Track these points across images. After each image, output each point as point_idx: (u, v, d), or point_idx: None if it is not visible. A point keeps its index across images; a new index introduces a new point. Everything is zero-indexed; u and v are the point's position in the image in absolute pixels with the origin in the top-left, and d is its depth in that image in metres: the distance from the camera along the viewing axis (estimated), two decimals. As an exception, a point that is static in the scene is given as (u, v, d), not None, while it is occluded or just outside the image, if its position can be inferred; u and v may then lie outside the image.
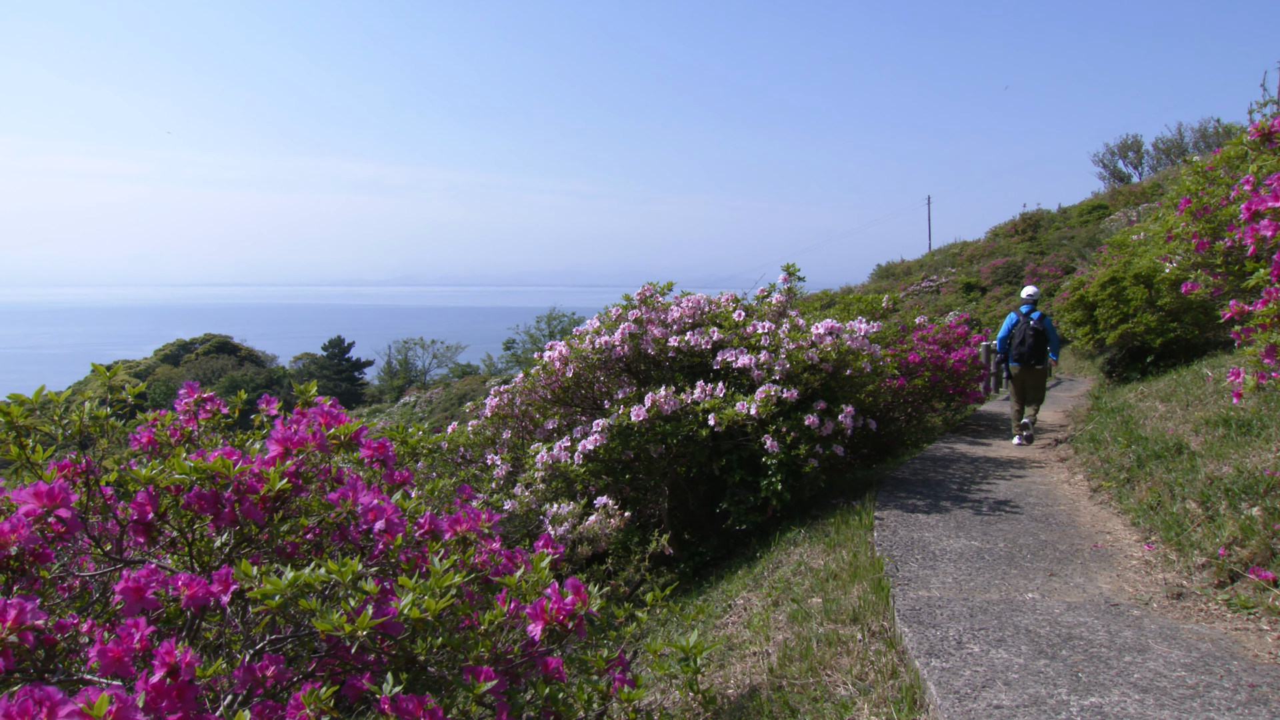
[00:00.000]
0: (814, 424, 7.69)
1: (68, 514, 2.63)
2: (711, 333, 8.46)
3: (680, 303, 8.97)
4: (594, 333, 8.64)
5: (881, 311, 12.08)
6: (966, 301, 33.86)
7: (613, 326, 8.63)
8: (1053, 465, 9.79)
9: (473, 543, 3.07)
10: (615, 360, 8.65)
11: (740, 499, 7.97)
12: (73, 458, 3.07)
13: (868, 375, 8.81)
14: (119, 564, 3.18)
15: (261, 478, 2.90)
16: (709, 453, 8.18)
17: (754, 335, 8.42)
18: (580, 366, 8.57)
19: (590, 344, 8.50)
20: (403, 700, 2.48)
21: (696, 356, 8.57)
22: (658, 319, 8.75)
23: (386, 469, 3.52)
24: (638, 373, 8.86)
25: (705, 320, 8.91)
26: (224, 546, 3.05)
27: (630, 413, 7.75)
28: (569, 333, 9.71)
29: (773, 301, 9.30)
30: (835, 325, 8.48)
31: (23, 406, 2.90)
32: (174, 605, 2.68)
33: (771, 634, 5.18)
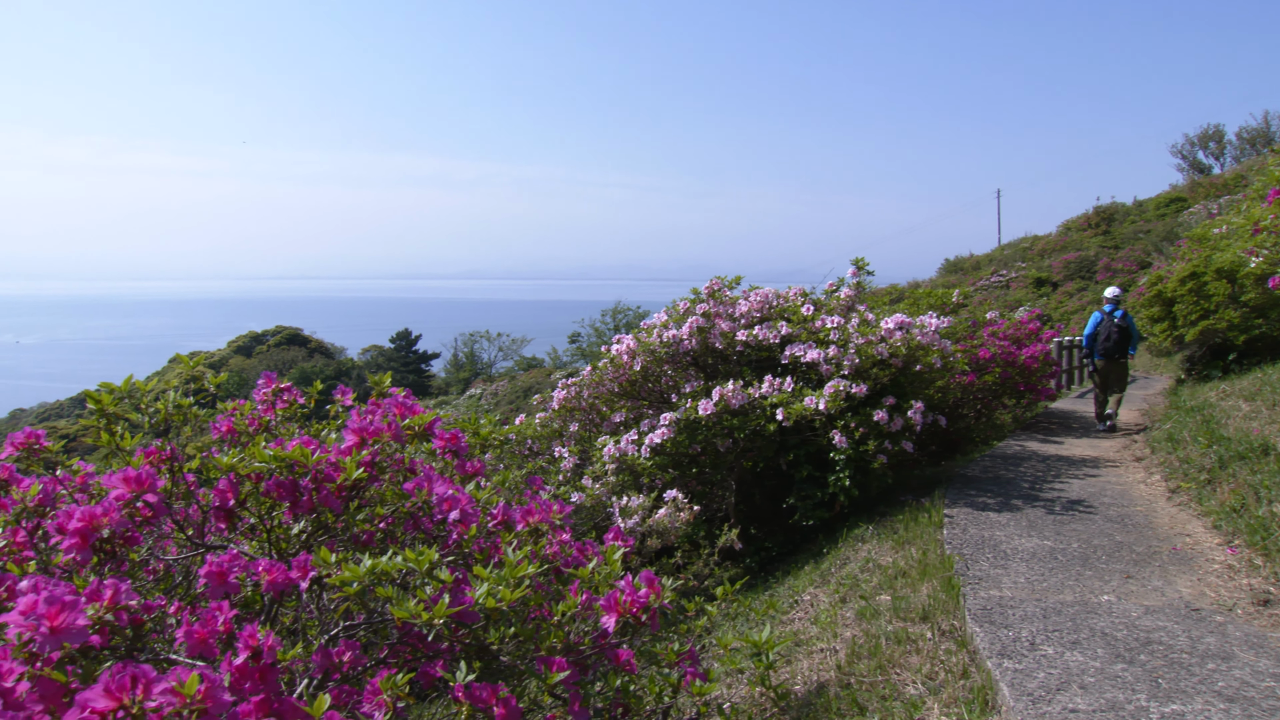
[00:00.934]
0: (883, 420, 7.61)
1: (155, 499, 2.70)
2: (780, 327, 8.41)
3: (748, 296, 8.93)
4: (661, 326, 8.64)
5: (951, 306, 11.90)
6: (1037, 297, 33.26)
7: (680, 320, 8.62)
8: (1128, 464, 9.57)
9: (544, 534, 3.09)
10: (682, 354, 8.64)
11: (807, 494, 7.92)
12: (158, 445, 3.15)
13: (937, 371, 8.69)
14: (201, 549, 3.26)
15: (338, 467, 2.95)
16: (776, 448, 8.13)
17: (823, 330, 8.35)
18: (648, 360, 8.57)
19: (658, 338, 8.50)
20: (476, 688, 2.51)
21: (764, 351, 8.52)
22: (725, 313, 8.72)
23: (459, 460, 3.55)
24: (705, 367, 8.84)
25: (773, 314, 8.85)
26: (301, 534, 3.11)
27: (698, 407, 7.74)
28: (634, 327, 9.72)
29: (841, 296, 9.21)
30: (905, 320, 8.37)
31: (113, 395, 2.98)
32: (254, 590, 2.74)
33: (839, 631, 5.14)
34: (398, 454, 3.20)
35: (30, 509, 2.83)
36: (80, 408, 62.50)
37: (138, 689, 1.69)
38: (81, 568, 2.61)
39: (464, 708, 2.51)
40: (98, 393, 2.98)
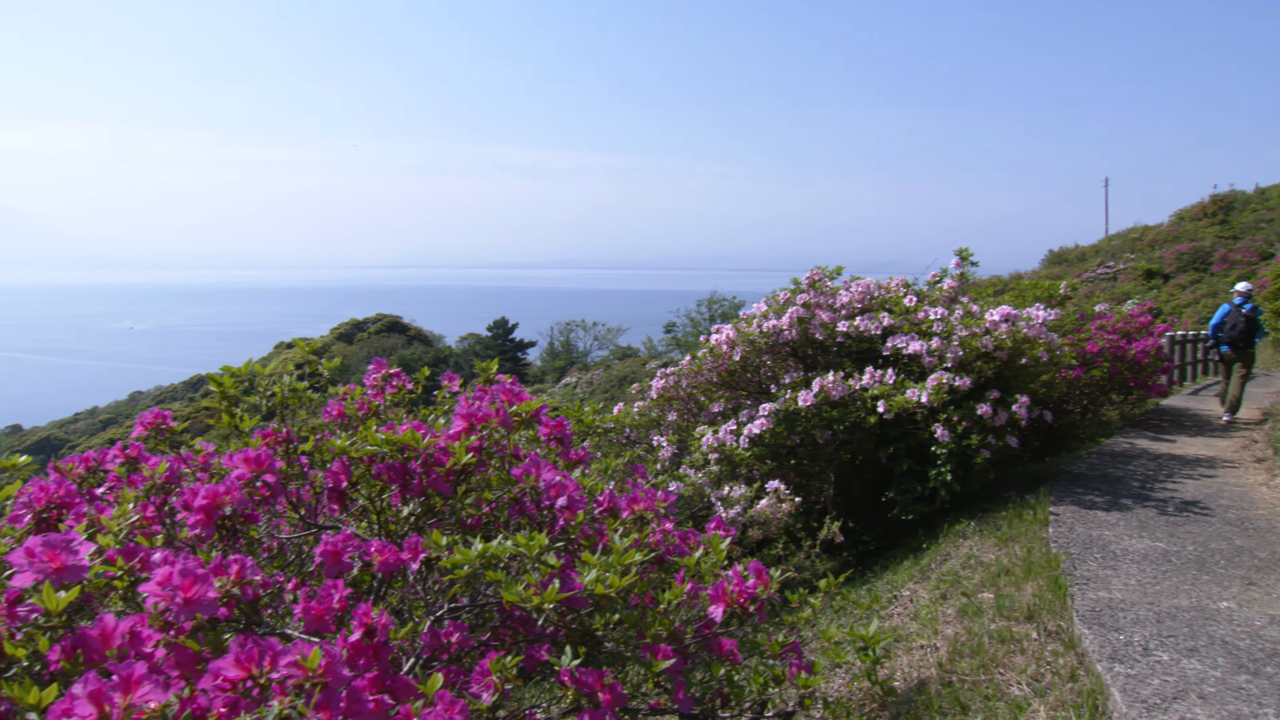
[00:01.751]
0: (987, 413, 7.45)
1: (273, 479, 2.79)
2: (881, 318, 8.29)
3: (849, 287, 8.82)
4: (761, 316, 8.60)
5: (1059, 299, 11.58)
6: (1147, 289, 32.14)
7: (780, 310, 8.56)
8: (1248, 466, 9.20)
9: (649, 522, 3.11)
10: (782, 344, 8.59)
11: (907, 488, 7.80)
12: (274, 427, 3.25)
13: (1043, 365, 8.47)
14: (313, 528, 3.35)
15: (447, 451, 3.01)
16: (875, 440, 8.03)
17: (925, 321, 8.21)
18: (747, 350, 8.54)
19: (757, 328, 8.46)
20: (582, 673, 2.53)
21: (865, 342, 8.41)
22: (826, 303, 8.63)
23: (563, 447, 3.59)
24: (804, 357, 8.77)
25: (875, 305, 8.73)
26: (409, 516, 3.18)
27: (797, 398, 7.68)
28: (729, 317, 9.67)
29: (944, 287, 9.04)
30: (1011, 312, 8.18)
31: (234, 378, 3.08)
32: (362, 570, 2.80)
33: (940, 628, 5.06)
34: (503, 440, 3.25)
35: (158, 486, 2.95)
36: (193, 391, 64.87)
37: (265, 661, 1.75)
38: (204, 543, 2.71)
39: (570, 691, 2.54)
40: (220, 376, 3.09)
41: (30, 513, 2.79)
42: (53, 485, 2.89)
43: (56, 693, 1.63)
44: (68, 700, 1.52)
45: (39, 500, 2.82)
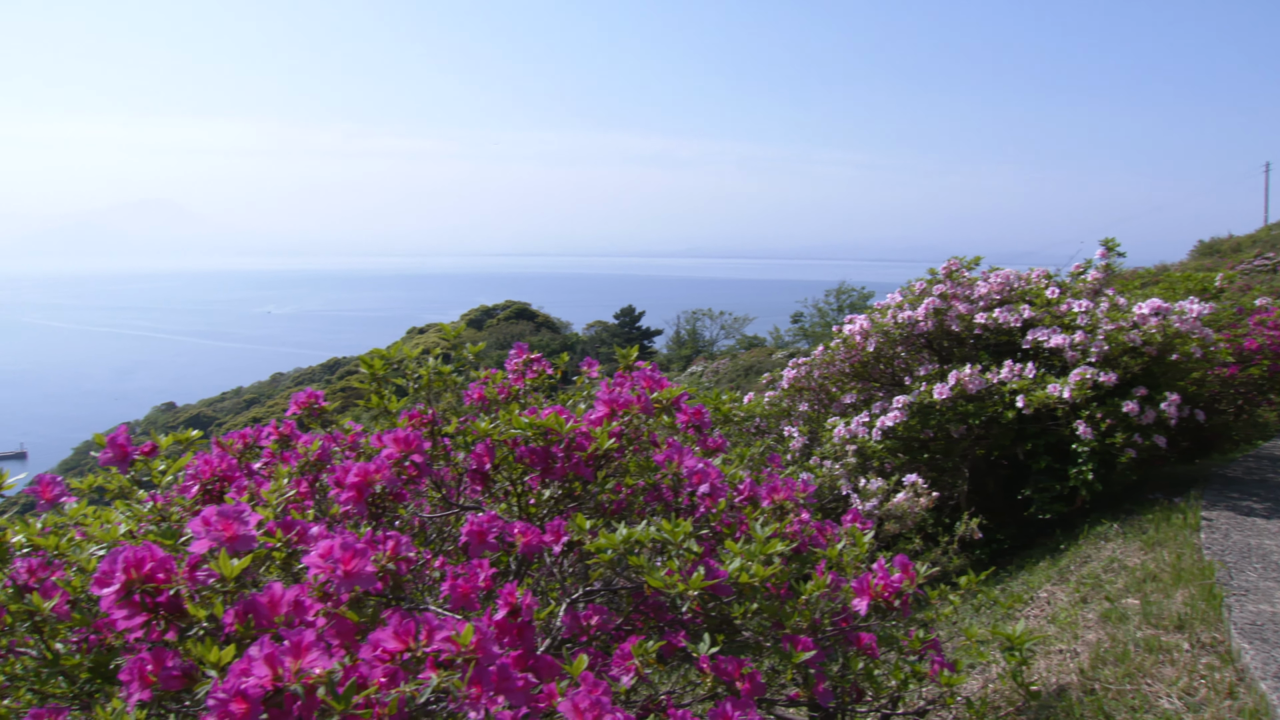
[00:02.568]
0: (1133, 411, 7.15)
1: (421, 459, 2.87)
2: (1022, 310, 8.04)
3: (987, 278, 8.58)
4: (896, 307, 8.44)
5: (1214, 291, 11.02)
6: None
7: (915, 301, 8.39)
8: None
9: (789, 512, 3.09)
10: (916, 336, 8.41)
11: (1044, 486, 7.56)
12: (420, 409, 3.34)
13: (1195, 361, 8.08)
14: (454, 508, 3.44)
15: (589, 436, 3.04)
16: (1013, 436, 7.80)
17: (1068, 314, 7.93)
18: (881, 341, 8.39)
19: (892, 318, 8.31)
20: (722, 661, 2.54)
21: (1004, 335, 8.18)
22: (962, 294, 8.42)
23: (701, 435, 3.59)
24: (940, 349, 8.57)
25: (1014, 297, 8.47)
26: (549, 499, 3.23)
27: (932, 390, 7.52)
28: (859, 307, 9.52)
29: (1088, 279, 8.70)
30: (1162, 305, 7.82)
31: (383, 360, 3.18)
32: (502, 551, 2.86)
33: (1080, 632, 4.88)
34: (643, 426, 3.27)
35: (311, 463, 3.06)
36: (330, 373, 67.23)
37: (422, 634, 1.80)
38: (355, 519, 2.81)
39: (708, 679, 2.55)
40: (370, 358, 3.19)
41: (197, 484, 2.93)
42: (215, 459, 3.04)
43: (234, 653, 1.71)
44: (245, 661, 1.59)
45: (204, 473, 2.96)
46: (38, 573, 2.44)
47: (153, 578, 1.85)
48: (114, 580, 1.83)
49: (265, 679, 1.57)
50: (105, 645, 2.38)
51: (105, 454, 2.72)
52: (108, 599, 1.84)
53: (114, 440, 2.71)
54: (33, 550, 2.48)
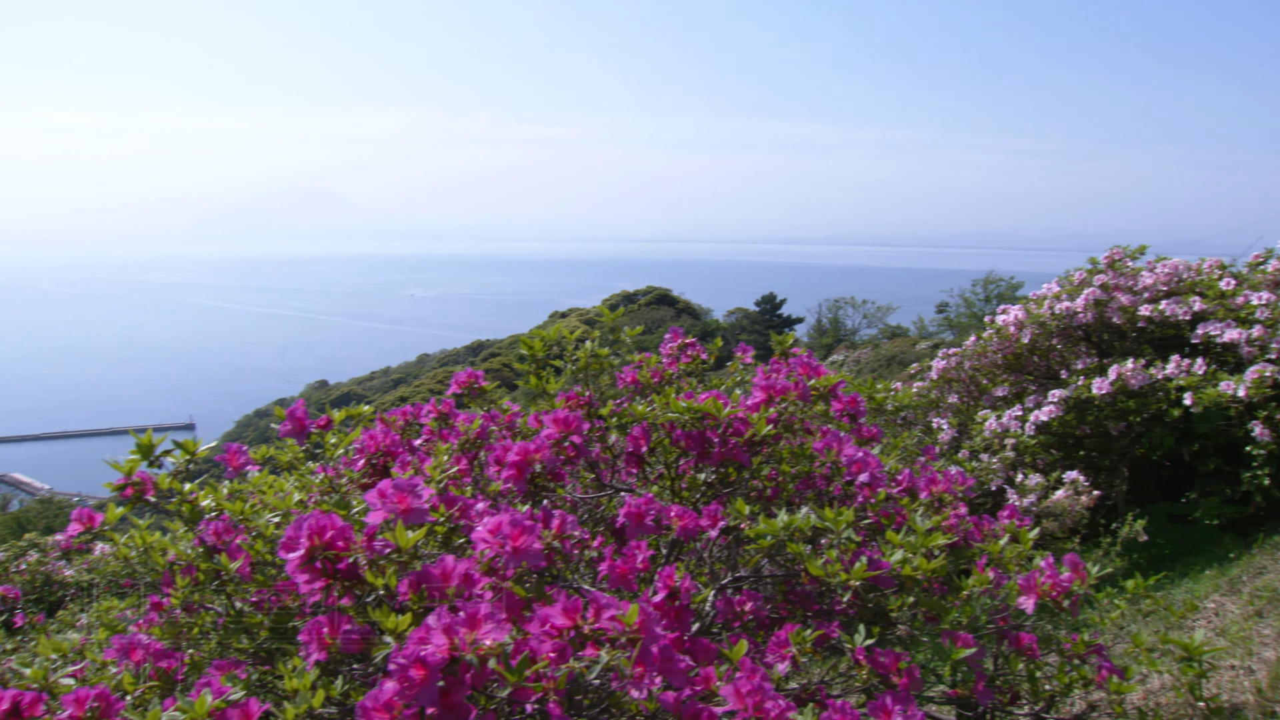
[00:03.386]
0: (1316, 412, 6.71)
1: (579, 440, 2.91)
2: (1191, 302, 7.63)
3: (1154, 268, 8.17)
4: (1053, 298, 8.12)
5: None
6: None
7: (1074, 292, 8.06)
8: None
9: (947, 505, 3.01)
10: (1074, 328, 8.09)
11: (1212, 490, 7.16)
12: (577, 390, 3.38)
13: (1389, 360, 7.53)
14: (607, 489, 3.47)
15: (746, 422, 3.03)
16: (1177, 435, 7.42)
17: (1245, 307, 7.48)
18: (1036, 333, 8.10)
19: (1048, 309, 8.01)
20: (878, 653, 2.49)
21: (1170, 328, 7.77)
22: (1125, 285, 8.04)
23: (855, 424, 3.53)
24: (1099, 343, 8.22)
25: (1183, 289, 8.04)
26: (703, 484, 3.23)
27: (1091, 385, 7.21)
28: (1007, 298, 9.19)
29: (1269, 270, 8.19)
30: (1354, 299, 7.31)
31: (543, 342, 3.23)
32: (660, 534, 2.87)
33: (1255, 649, 4.61)
34: (799, 413, 3.24)
35: (471, 440, 3.14)
36: (473, 355, 68.91)
37: (589, 613, 1.82)
38: (514, 498, 2.86)
39: (864, 670, 2.50)
40: (530, 339, 3.25)
41: (363, 458, 3.04)
42: (380, 435, 3.13)
43: (410, 621, 1.77)
44: (424, 630, 1.64)
45: (370, 447, 3.06)
46: (223, 535, 2.57)
47: (333, 545, 1.92)
48: (299, 546, 1.91)
49: (443, 648, 1.62)
50: (283, 607, 2.49)
51: (285, 426, 2.84)
52: (292, 563, 1.92)
53: (293, 414, 2.83)
54: (218, 514, 2.61)
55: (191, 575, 2.58)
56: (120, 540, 2.68)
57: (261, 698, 2.01)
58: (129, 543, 2.67)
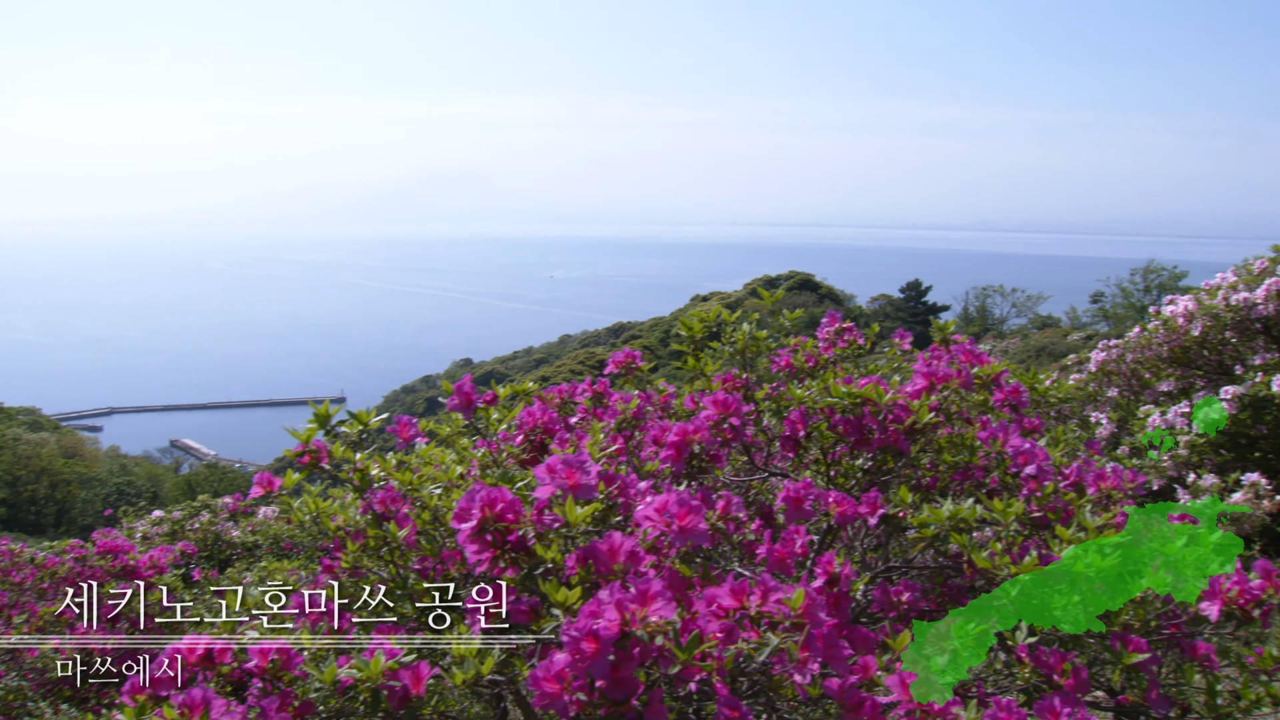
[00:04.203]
0: None
1: (738, 423, 2.90)
2: (1385, 295, 7.12)
3: (1344, 258, 7.65)
4: (1229, 287, 7.68)
5: None
6: None
7: (1254, 282, 7.60)
8: None
9: (1116, 502, 2.88)
10: (1252, 320, 7.63)
11: (1405, 497, 6.68)
12: (735, 373, 3.37)
13: None
14: (760, 473, 3.45)
15: (907, 409, 2.96)
16: (1366, 437, 6.94)
17: None
18: (1208, 325, 7.68)
19: (1223, 300, 7.58)
20: (1043, 652, 2.41)
21: (1360, 323, 7.28)
22: (1311, 276, 7.55)
23: (1017, 415, 3.42)
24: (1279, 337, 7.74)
25: (1376, 280, 7.51)
26: (859, 471, 3.17)
27: (1270, 382, 6.80)
28: (1169, 288, 8.72)
29: None
30: None
31: (702, 324, 3.23)
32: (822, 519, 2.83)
33: None
34: (961, 402, 3.15)
35: (628, 420, 3.16)
36: (614, 336, 69.61)
37: (756, 595, 1.82)
38: (671, 478, 2.87)
39: (1025, 669, 2.43)
40: (690, 320, 3.25)
41: (522, 434, 3.10)
42: (538, 411, 3.19)
43: (579, 596, 1.80)
44: (595, 604, 1.66)
45: (528, 424, 3.12)
46: (390, 504, 2.67)
47: (503, 518, 1.97)
48: (471, 517, 1.96)
49: (615, 622, 1.63)
50: (446, 575, 2.57)
51: (453, 400, 2.92)
52: (464, 533, 1.97)
53: (460, 388, 2.90)
54: (385, 483, 2.70)
55: (360, 541, 2.68)
56: (294, 505, 2.80)
57: (431, 662, 2.07)
58: (302, 507, 2.79)
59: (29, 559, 5.81)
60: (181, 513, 9.00)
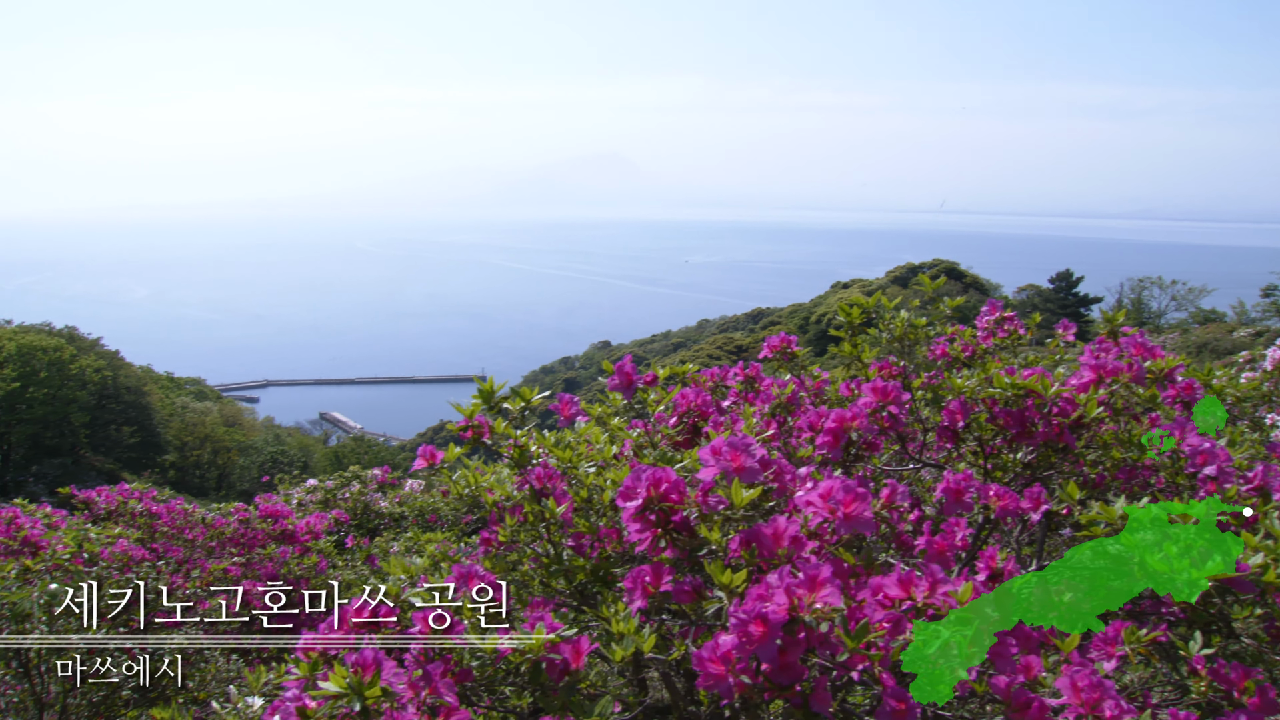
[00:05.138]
0: None
1: (897, 411, 2.85)
2: None
3: None
4: None
5: None
6: None
7: None
8: None
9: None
10: None
11: None
12: (892, 360, 3.31)
13: None
14: (913, 463, 3.38)
15: (1073, 402, 2.86)
16: None
17: None
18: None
19: None
20: (1221, 665, 2.29)
21: None
22: None
23: (1188, 411, 3.26)
24: None
25: None
26: (1019, 465, 3.08)
27: None
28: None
29: None
30: None
31: (860, 310, 3.18)
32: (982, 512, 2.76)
33: None
34: (1130, 397, 3.02)
35: (782, 404, 3.14)
36: (753, 322, 69.25)
37: (923, 586, 1.79)
38: (827, 465, 2.84)
39: (1201, 682, 2.32)
40: (847, 306, 3.21)
41: (676, 416, 3.11)
42: (692, 394, 3.20)
43: (745, 579, 1.80)
44: (764, 587, 1.66)
45: (682, 406, 3.13)
46: (547, 481, 2.72)
47: (667, 498, 1.98)
48: (637, 496, 1.98)
49: (783, 607, 1.63)
50: (602, 553, 2.60)
51: (613, 380, 2.96)
52: (628, 512, 1.99)
53: (621, 368, 2.94)
54: (542, 460, 2.76)
55: (517, 515, 2.74)
56: (453, 477, 2.88)
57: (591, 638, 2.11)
58: (460, 480, 2.86)
59: (200, 519, 6.16)
60: (334, 482, 9.39)
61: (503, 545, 2.82)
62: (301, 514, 7.03)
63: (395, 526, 8.86)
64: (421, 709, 2.08)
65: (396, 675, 2.08)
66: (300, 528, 6.29)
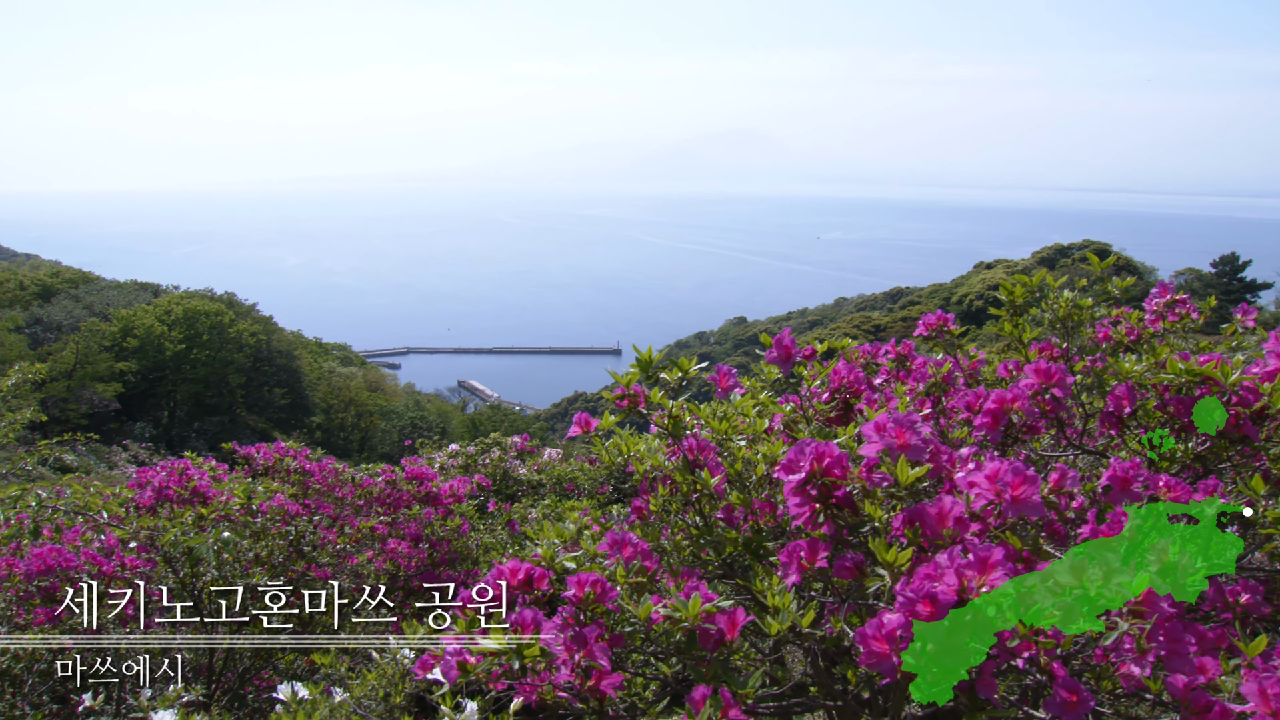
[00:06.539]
0: None
1: (1061, 394, 2.75)
2: None
3: None
4: None
5: None
6: None
7: None
8: None
9: None
10: None
11: None
12: (1055, 341, 3.20)
13: None
14: (1071, 449, 3.26)
15: (1256, 391, 2.71)
16: None
17: None
18: None
19: None
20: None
21: None
22: None
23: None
24: None
25: None
26: (1188, 456, 2.94)
27: None
28: None
29: None
30: None
31: (1023, 288, 3.09)
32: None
33: None
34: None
35: (938, 383, 3.08)
36: (892, 301, 67.89)
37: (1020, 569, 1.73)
38: (985, 445, 2.77)
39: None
40: (1011, 284, 3.11)
41: (828, 390, 3.08)
42: (845, 370, 3.15)
43: (910, 558, 1.77)
44: (932, 567, 1.64)
45: (835, 382, 3.09)
46: (700, 452, 2.73)
47: (830, 472, 1.96)
48: (800, 469, 1.97)
49: (953, 588, 1.60)
50: (754, 526, 2.60)
51: (771, 353, 2.94)
52: (790, 485, 1.98)
53: (780, 341, 2.92)
54: (695, 431, 2.77)
55: (669, 485, 2.76)
56: (605, 445, 2.91)
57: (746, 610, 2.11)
58: (611, 449, 2.89)
59: (350, 478, 6.40)
60: (475, 448, 9.63)
61: (654, 515, 2.85)
62: (444, 477, 7.23)
63: (533, 493, 9.04)
64: (575, 670, 2.12)
65: (556, 637, 2.13)
66: (444, 490, 6.47)
